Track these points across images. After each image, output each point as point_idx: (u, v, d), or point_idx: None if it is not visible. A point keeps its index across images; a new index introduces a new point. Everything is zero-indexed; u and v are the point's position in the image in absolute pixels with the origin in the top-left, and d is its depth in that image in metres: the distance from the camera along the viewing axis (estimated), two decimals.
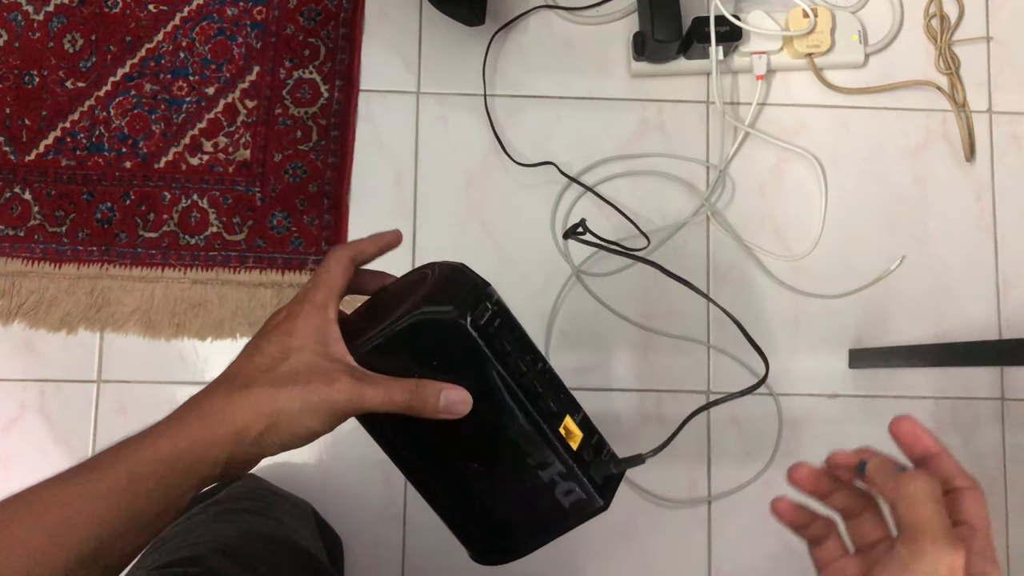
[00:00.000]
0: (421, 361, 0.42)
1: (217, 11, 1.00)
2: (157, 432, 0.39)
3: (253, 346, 0.43)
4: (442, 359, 0.42)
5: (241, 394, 0.39)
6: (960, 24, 1.05)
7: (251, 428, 0.39)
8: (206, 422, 0.39)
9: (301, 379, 0.40)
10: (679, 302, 0.99)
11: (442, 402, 0.41)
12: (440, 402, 0.41)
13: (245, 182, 0.98)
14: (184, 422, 0.39)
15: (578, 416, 0.45)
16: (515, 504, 0.45)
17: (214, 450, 0.38)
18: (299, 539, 0.68)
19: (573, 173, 0.99)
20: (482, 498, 0.45)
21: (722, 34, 0.94)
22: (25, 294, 0.95)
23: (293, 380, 0.40)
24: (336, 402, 0.39)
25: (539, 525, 0.45)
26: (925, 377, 0.99)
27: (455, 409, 0.41)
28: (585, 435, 0.45)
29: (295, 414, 0.39)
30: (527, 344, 0.45)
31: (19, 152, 0.97)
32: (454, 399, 0.41)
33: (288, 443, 0.40)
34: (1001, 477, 0.98)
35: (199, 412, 0.39)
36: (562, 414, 0.44)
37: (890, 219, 1.01)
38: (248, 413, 0.39)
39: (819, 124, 1.02)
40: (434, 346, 0.42)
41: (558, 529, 0.44)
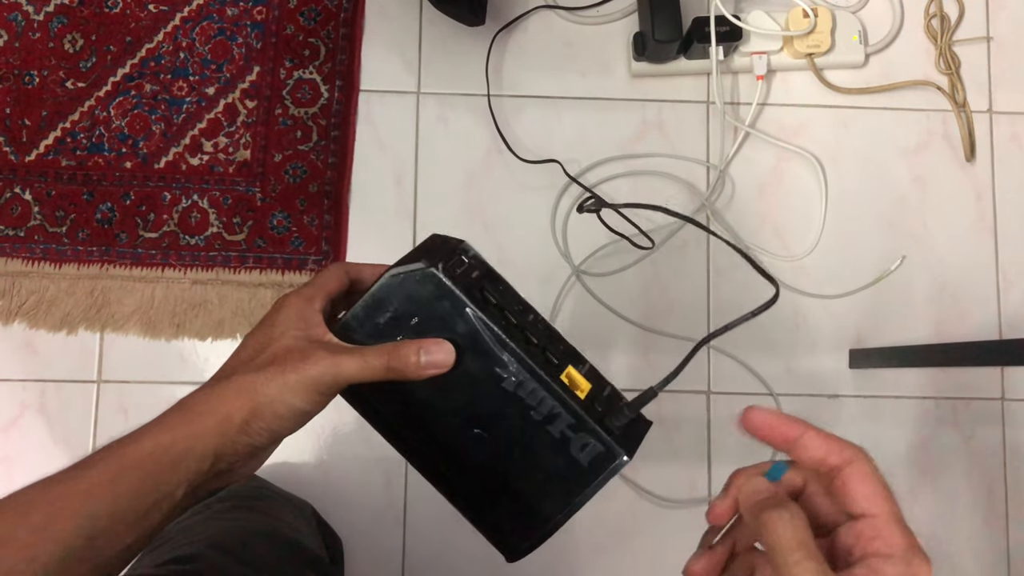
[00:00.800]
0: (400, 324, 0.41)
1: (217, 11, 1.00)
2: (142, 430, 0.39)
3: (241, 343, 0.43)
4: (422, 316, 0.41)
5: (222, 385, 0.39)
6: (960, 24, 1.05)
7: (234, 416, 0.38)
8: (188, 415, 0.39)
9: (278, 361, 0.40)
10: (679, 302, 0.99)
11: (423, 358, 0.40)
12: (420, 358, 0.40)
13: (245, 182, 0.98)
14: (168, 418, 0.39)
15: (583, 367, 0.43)
16: (530, 469, 0.42)
17: (199, 443, 0.38)
18: (299, 538, 0.68)
19: (573, 173, 0.99)
20: (495, 471, 0.42)
21: (722, 34, 0.94)
22: (25, 294, 0.95)
23: (271, 363, 0.40)
24: (313, 376, 0.39)
25: (560, 489, 0.41)
26: (925, 377, 0.99)
27: (437, 362, 0.40)
28: (594, 386, 0.42)
29: (275, 395, 0.39)
30: (516, 297, 0.44)
31: (19, 152, 0.97)
32: (434, 352, 0.40)
33: (276, 427, 0.39)
34: (1001, 477, 0.98)
35: (182, 408, 0.39)
36: (563, 364, 0.42)
37: (890, 219, 1.01)
38: (230, 401, 0.39)
39: (819, 124, 1.02)
40: (411, 305, 0.41)
41: (581, 491, 0.41)
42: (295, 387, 0.39)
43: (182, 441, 0.38)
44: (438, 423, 0.43)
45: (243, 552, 0.59)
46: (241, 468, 0.41)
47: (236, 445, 0.39)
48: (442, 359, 0.40)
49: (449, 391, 0.41)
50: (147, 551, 0.62)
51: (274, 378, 0.39)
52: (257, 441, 0.39)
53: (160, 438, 0.38)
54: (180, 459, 0.37)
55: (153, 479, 0.37)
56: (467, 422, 0.42)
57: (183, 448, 0.38)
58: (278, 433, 0.40)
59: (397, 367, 0.40)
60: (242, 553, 0.58)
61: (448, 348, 0.40)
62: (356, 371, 0.39)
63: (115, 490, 0.36)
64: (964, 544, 0.97)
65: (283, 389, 0.39)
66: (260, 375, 0.39)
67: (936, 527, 0.97)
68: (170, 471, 0.37)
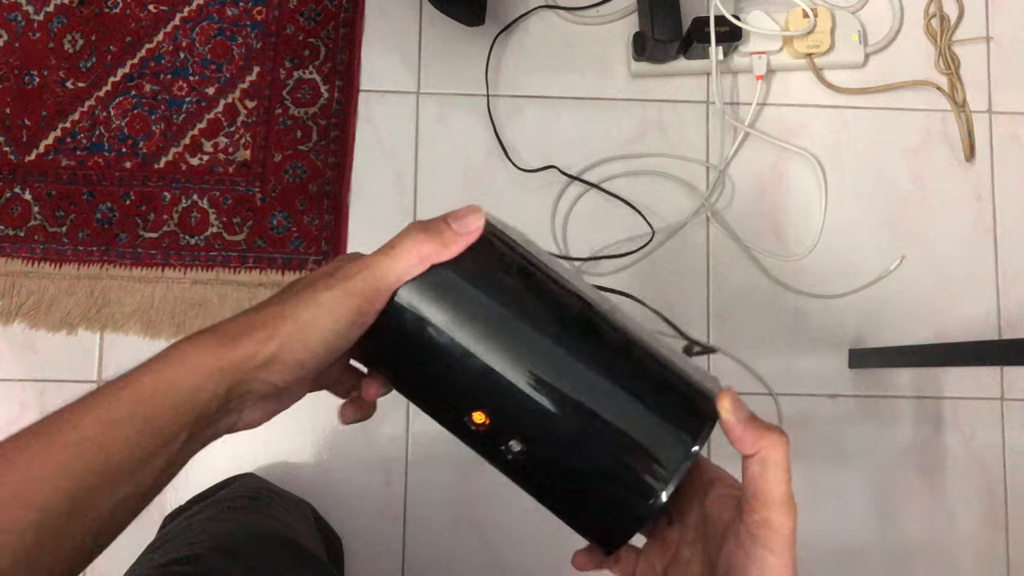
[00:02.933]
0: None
1: (217, 11, 1.00)
2: (142, 367, 0.34)
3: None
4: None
5: (248, 315, 0.35)
6: (960, 24, 1.05)
7: (258, 348, 0.33)
8: (200, 346, 0.34)
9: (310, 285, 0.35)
10: (678, 303, 0.99)
11: (453, 224, 0.35)
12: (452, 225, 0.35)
13: (245, 182, 0.98)
14: (175, 350, 0.34)
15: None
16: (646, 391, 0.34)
17: (211, 380, 0.33)
18: (299, 538, 0.68)
19: (573, 173, 0.99)
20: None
21: (722, 34, 0.94)
22: (25, 294, 0.95)
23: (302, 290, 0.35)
24: (346, 288, 0.34)
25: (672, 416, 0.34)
26: (925, 377, 0.99)
27: (468, 223, 0.35)
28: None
29: (307, 319, 0.34)
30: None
31: (19, 152, 0.97)
32: (462, 215, 0.36)
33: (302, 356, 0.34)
34: (1001, 477, 0.98)
35: (193, 338, 0.34)
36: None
37: (890, 219, 1.01)
38: (255, 331, 0.34)
39: (819, 124, 1.02)
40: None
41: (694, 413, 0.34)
42: (327, 305, 0.34)
43: (190, 379, 0.33)
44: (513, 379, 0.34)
45: (244, 553, 0.59)
46: (248, 414, 0.36)
47: (252, 382, 0.34)
48: (472, 219, 0.36)
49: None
50: (147, 550, 0.63)
51: (307, 304, 0.34)
52: (276, 378, 0.34)
53: (164, 373, 0.33)
54: (185, 401, 0.33)
55: (151, 426, 0.32)
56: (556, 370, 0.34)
57: (190, 387, 0.33)
58: (306, 366, 0.34)
59: (432, 245, 0.35)
60: (243, 554, 0.58)
61: (475, 208, 0.36)
62: (390, 266, 0.34)
63: (105, 443, 0.32)
64: (964, 544, 0.97)
65: (316, 310, 0.34)
66: (290, 305, 0.34)
67: (936, 527, 0.97)
68: (171, 415, 0.33)
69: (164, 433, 0.33)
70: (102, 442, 0.32)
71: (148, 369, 0.34)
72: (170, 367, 0.33)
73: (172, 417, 0.33)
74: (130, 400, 0.33)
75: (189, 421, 0.33)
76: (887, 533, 0.97)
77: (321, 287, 0.34)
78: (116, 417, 0.32)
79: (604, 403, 0.33)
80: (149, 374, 0.34)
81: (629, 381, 0.34)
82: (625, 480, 0.33)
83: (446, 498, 0.94)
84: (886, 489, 0.97)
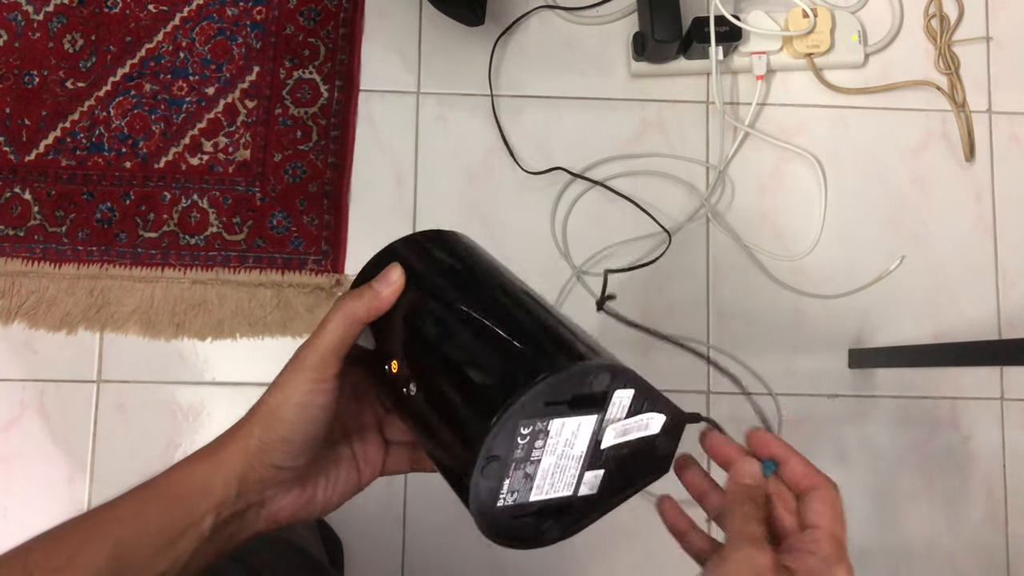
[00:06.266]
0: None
1: (217, 11, 1.00)
2: (173, 466, 0.40)
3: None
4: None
5: (243, 417, 0.41)
6: (960, 24, 1.05)
7: (251, 437, 0.39)
8: (213, 446, 0.40)
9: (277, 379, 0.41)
10: (678, 303, 0.99)
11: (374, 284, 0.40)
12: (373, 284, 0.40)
13: (245, 182, 0.98)
14: (196, 453, 0.40)
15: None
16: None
17: (223, 469, 0.39)
18: (299, 539, 0.68)
19: (575, 174, 0.99)
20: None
21: (722, 34, 0.94)
22: (25, 294, 0.95)
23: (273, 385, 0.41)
24: (299, 364, 0.39)
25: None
26: (925, 377, 0.99)
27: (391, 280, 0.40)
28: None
29: (277, 402, 0.39)
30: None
31: (19, 152, 0.97)
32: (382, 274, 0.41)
33: (285, 432, 0.39)
34: (1000, 477, 0.98)
35: (211, 443, 0.41)
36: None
37: (890, 219, 1.01)
38: (246, 425, 0.40)
39: (819, 124, 1.02)
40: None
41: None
42: (288, 384, 0.39)
43: (206, 470, 0.39)
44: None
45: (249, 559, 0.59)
46: (276, 504, 0.41)
47: (258, 468, 0.39)
48: (393, 274, 0.40)
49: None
50: None
51: (272, 391, 0.40)
52: (277, 459, 0.39)
53: (185, 469, 0.39)
54: (204, 487, 0.38)
55: (178, 506, 0.38)
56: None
57: (207, 476, 0.39)
58: (291, 440, 0.39)
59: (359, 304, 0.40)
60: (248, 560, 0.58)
61: (394, 265, 0.41)
62: (328, 337, 0.39)
63: (142, 517, 0.38)
64: (964, 544, 0.97)
65: (280, 391, 0.39)
66: (263, 396, 0.40)
67: (936, 527, 0.97)
68: (195, 498, 0.38)
69: (190, 513, 0.38)
70: (138, 518, 0.38)
71: (176, 465, 0.40)
72: (186, 465, 0.39)
73: (195, 500, 0.38)
74: (158, 486, 0.39)
75: (212, 504, 0.38)
76: (887, 533, 0.97)
77: (281, 373, 0.40)
78: (148, 498, 0.39)
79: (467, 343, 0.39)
80: (171, 471, 0.39)
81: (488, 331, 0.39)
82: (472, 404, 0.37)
83: (446, 498, 0.93)
84: (886, 489, 0.97)
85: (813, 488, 0.40)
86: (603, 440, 0.39)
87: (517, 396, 0.34)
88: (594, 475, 0.40)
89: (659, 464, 0.42)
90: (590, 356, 0.36)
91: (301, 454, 0.40)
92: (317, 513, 0.44)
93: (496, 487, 0.38)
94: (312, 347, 0.39)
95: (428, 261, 0.43)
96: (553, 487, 0.39)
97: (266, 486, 0.40)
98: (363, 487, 0.46)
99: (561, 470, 0.39)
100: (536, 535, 0.40)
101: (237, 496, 0.39)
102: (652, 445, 0.41)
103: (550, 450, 0.38)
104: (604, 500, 0.42)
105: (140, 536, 0.37)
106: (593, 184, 0.99)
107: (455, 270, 0.43)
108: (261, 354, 0.95)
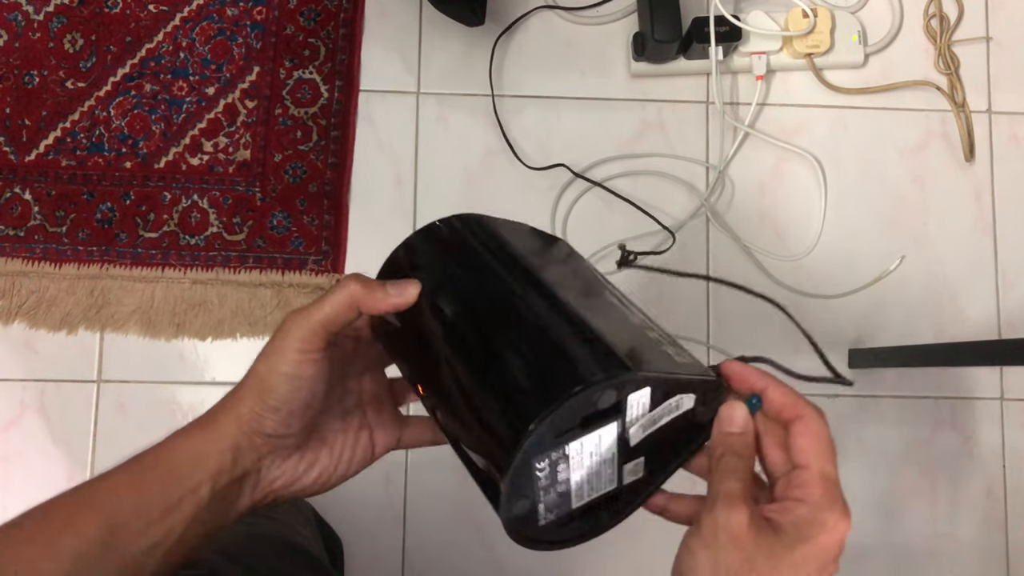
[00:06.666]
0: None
1: (217, 11, 1.00)
2: (166, 438, 0.40)
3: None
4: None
5: (234, 387, 0.40)
6: (960, 24, 1.05)
7: (242, 406, 0.39)
8: (206, 418, 0.40)
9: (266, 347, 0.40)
10: (678, 302, 0.99)
11: (389, 287, 0.39)
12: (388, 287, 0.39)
13: (245, 182, 0.98)
14: (189, 425, 0.40)
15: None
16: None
17: (217, 438, 0.39)
18: (299, 540, 0.68)
19: (575, 173, 0.99)
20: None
21: (722, 34, 0.94)
22: (25, 294, 0.95)
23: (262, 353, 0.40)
24: (288, 334, 0.38)
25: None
26: (925, 377, 0.99)
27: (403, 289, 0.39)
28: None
29: (266, 370, 0.39)
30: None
31: (19, 152, 0.97)
32: (402, 284, 0.40)
33: (275, 402, 0.38)
34: (1001, 477, 0.98)
35: (203, 415, 0.40)
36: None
37: (890, 219, 1.01)
38: (238, 395, 0.39)
39: (819, 124, 1.02)
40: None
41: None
42: (275, 353, 0.39)
43: (201, 440, 0.39)
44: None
45: (249, 558, 0.59)
46: (271, 472, 0.41)
47: (250, 436, 0.39)
48: (410, 289, 0.39)
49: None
50: None
51: (261, 359, 0.39)
52: (268, 427, 0.39)
53: (180, 440, 0.39)
54: (199, 456, 0.38)
55: (174, 475, 0.38)
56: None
57: (201, 446, 0.39)
58: (280, 410, 0.39)
59: (363, 292, 0.39)
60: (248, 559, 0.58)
61: (414, 282, 0.40)
62: (321, 311, 0.39)
63: (137, 487, 0.38)
64: (964, 544, 0.97)
65: (267, 361, 0.39)
66: (252, 365, 0.40)
67: (936, 527, 0.97)
68: (190, 467, 0.38)
69: (186, 482, 0.38)
70: (133, 485, 0.38)
71: (170, 437, 0.39)
72: (181, 435, 0.39)
73: (190, 469, 0.38)
74: (155, 455, 0.39)
75: (208, 473, 0.38)
76: (887, 533, 0.97)
77: (270, 341, 0.40)
78: (142, 468, 0.38)
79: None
80: (165, 442, 0.39)
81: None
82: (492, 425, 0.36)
83: (446, 498, 0.94)
84: (886, 489, 0.97)
85: (797, 418, 0.38)
86: (631, 439, 0.37)
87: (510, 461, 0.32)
88: (635, 464, 0.39)
89: (703, 430, 0.40)
90: (596, 373, 0.33)
91: (293, 422, 0.40)
92: (323, 484, 0.43)
93: (531, 514, 0.37)
94: (303, 316, 0.39)
95: (442, 277, 0.41)
96: (592, 491, 0.38)
97: (261, 455, 0.40)
98: (376, 458, 0.45)
99: (596, 476, 0.38)
100: (590, 529, 0.40)
101: (233, 464, 0.39)
102: (691, 415, 0.39)
103: (576, 467, 0.36)
104: (652, 478, 0.40)
105: (134, 506, 0.37)
106: (593, 185, 0.99)
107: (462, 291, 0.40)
108: None
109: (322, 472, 0.43)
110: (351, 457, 0.44)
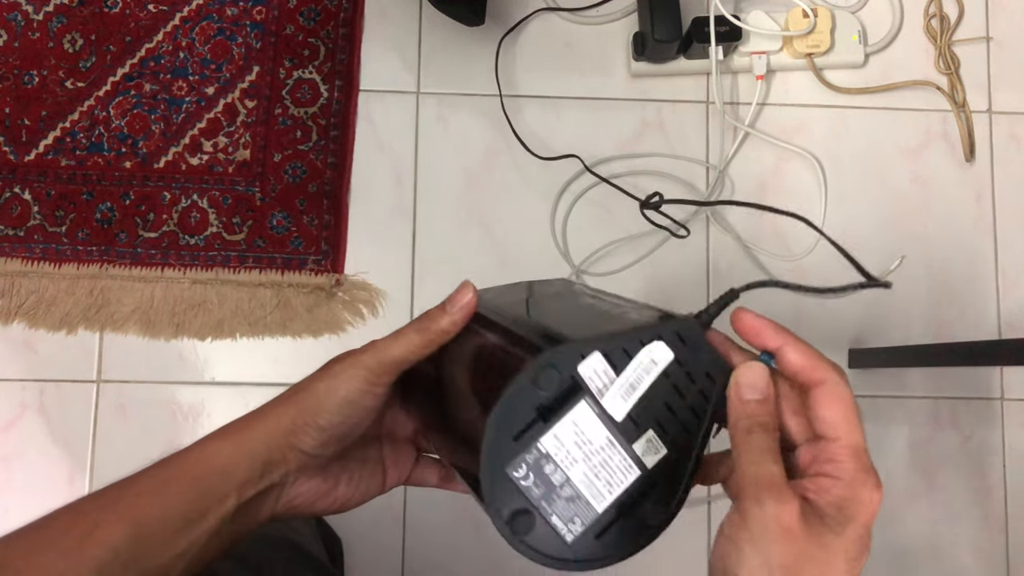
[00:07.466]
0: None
1: (217, 11, 1.00)
2: (196, 442, 0.39)
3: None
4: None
5: (275, 399, 0.40)
6: (960, 24, 1.05)
7: (281, 419, 0.38)
8: (239, 425, 0.39)
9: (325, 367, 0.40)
10: (679, 301, 0.99)
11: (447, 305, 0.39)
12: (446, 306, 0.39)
13: (245, 182, 0.98)
14: (220, 430, 0.39)
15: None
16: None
17: (247, 449, 0.38)
18: (299, 540, 0.68)
19: (573, 173, 0.99)
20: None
21: (722, 34, 0.94)
22: (25, 294, 0.95)
23: (319, 372, 0.40)
24: (357, 361, 0.38)
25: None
26: (925, 377, 0.99)
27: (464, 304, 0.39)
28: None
29: (322, 389, 0.38)
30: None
31: (19, 152, 0.97)
32: (454, 296, 0.39)
33: (322, 422, 0.38)
34: (1001, 477, 0.98)
35: (236, 421, 0.40)
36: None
37: (890, 219, 1.01)
38: (279, 407, 0.39)
39: (819, 124, 1.02)
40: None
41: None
42: (340, 375, 0.38)
43: (230, 449, 0.38)
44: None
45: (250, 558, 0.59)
46: (296, 488, 0.41)
47: (284, 451, 0.39)
48: (462, 295, 0.39)
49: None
50: None
51: (321, 377, 0.39)
52: (307, 444, 0.39)
53: (208, 447, 0.38)
54: (228, 467, 0.38)
55: (201, 485, 0.37)
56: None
57: (230, 455, 0.38)
58: (325, 430, 0.39)
59: (431, 327, 0.39)
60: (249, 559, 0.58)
61: (465, 284, 0.39)
62: (398, 347, 0.39)
63: (163, 495, 0.37)
64: (964, 544, 0.97)
65: (330, 381, 0.38)
66: (308, 380, 0.39)
67: (936, 527, 0.97)
68: (218, 478, 0.37)
69: (213, 493, 0.37)
70: (159, 495, 0.37)
71: (199, 442, 0.39)
72: (210, 442, 0.38)
73: (218, 480, 0.37)
74: (180, 465, 0.38)
75: (235, 484, 0.37)
76: (887, 533, 0.97)
77: (334, 363, 0.39)
78: (169, 476, 0.37)
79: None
80: (194, 448, 0.38)
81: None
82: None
83: (446, 498, 0.93)
84: (886, 489, 0.97)
85: (819, 383, 0.33)
86: (614, 413, 0.33)
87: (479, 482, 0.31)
88: (646, 441, 0.34)
89: (714, 379, 0.35)
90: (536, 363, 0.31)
91: (331, 445, 0.40)
92: (334, 508, 0.43)
93: (548, 532, 0.33)
94: (380, 349, 0.39)
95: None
96: (610, 484, 0.33)
97: (289, 470, 0.39)
98: (385, 491, 0.46)
99: (604, 466, 0.33)
100: (642, 527, 0.34)
101: (261, 477, 0.38)
102: (688, 367, 0.34)
103: (568, 463, 0.32)
104: (683, 449, 0.34)
105: (160, 515, 0.36)
106: (592, 185, 0.99)
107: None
108: (261, 354, 0.95)
109: (337, 497, 0.43)
110: (366, 488, 0.45)
